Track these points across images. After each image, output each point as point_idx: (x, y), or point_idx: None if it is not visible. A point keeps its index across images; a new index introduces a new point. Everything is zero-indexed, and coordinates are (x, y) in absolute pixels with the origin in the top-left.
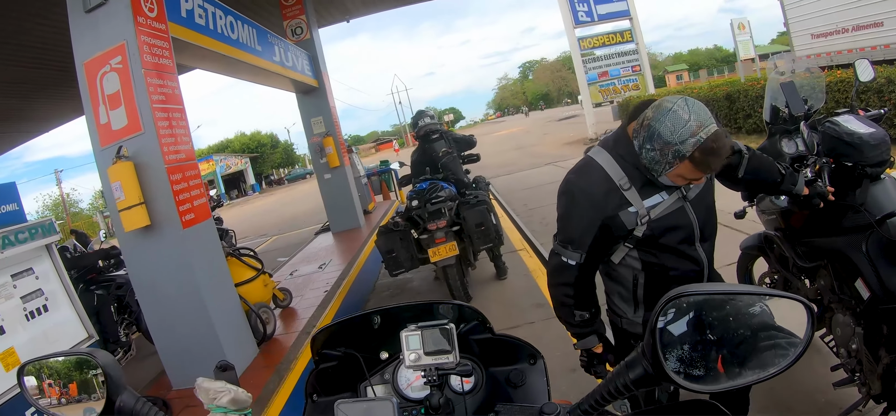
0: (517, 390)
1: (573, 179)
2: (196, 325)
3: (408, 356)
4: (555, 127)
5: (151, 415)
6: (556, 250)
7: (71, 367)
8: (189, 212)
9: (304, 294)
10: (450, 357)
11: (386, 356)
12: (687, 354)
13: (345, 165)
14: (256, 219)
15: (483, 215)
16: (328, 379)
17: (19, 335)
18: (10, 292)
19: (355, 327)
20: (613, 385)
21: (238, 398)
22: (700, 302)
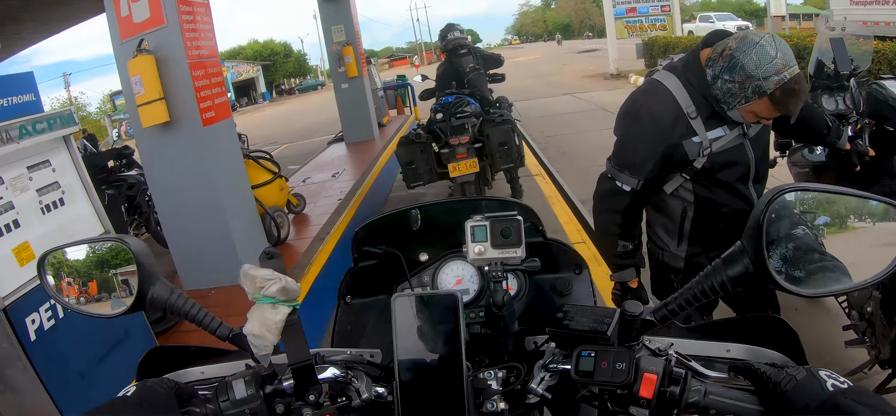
0: (563, 298)
1: (640, 100)
2: (211, 225)
3: (472, 249)
4: (574, 58)
5: (188, 307)
6: (609, 173)
7: (97, 256)
8: (210, 110)
9: (318, 201)
10: (517, 251)
11: (425, 258)
12: (791, 253)
13: (363, 76)
14: (267, 127)
15: (507, 134)
16: (360, 281)
17: (34, 229)
18: (25, 185)
19: (395, 226)
20: (708, 284)
21: (288, 287)
22: (809, 199)
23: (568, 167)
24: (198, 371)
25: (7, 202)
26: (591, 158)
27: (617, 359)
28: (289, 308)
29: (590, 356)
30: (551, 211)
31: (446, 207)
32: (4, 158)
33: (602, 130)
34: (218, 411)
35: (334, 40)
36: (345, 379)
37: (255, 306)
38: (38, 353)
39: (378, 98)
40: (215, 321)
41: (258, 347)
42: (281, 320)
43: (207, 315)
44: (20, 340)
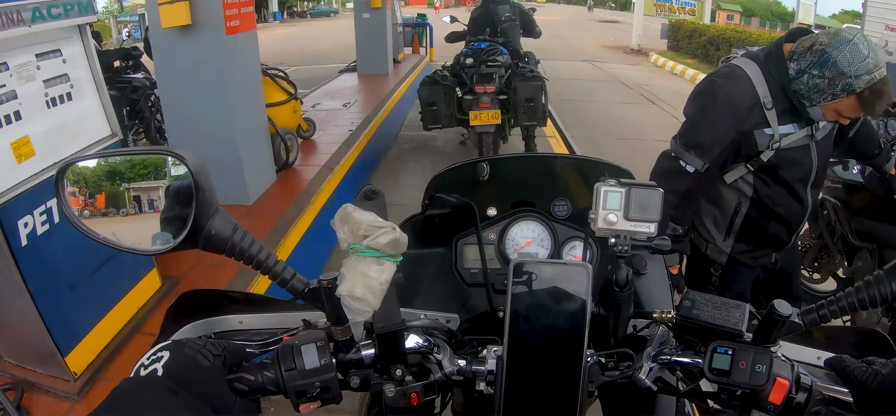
0: (638, 277)
1: (719, 82)
2: (220, 140)
3: (601, 216)
4: (595, 27)
5: (254, 249)
6: (673, 152)
7: (136, 170)
8: (235, 18)
9: (328, 129)
10: (652, 227)
11: (493, 213)
12: None
13: (386, 7)
14: (278, 47)
15: (536, 90)
16: (425, 229)
17: (37, 123)
18: (32, 73)
19: (465, 176)
20: (870, 293)
21: (400, 239)
22: None
23: (582, 135)
24: (235, 320)
25: (10, 91)
26: (606, 130)
27: (756, 360)
28: (394, 265)
29: (726, 353)
30: None
31: (518, 162)
32: (12, 42)
33: (618, 103)
34: (279, 381)
35: None
36: (426, 349)
37: (352, 259)
38: (28, 259)
39: (397, 33)
40: (287, 271)
41: (356, 311)
42: (386, 280)
43: (278, 263)
44: (10, 244)
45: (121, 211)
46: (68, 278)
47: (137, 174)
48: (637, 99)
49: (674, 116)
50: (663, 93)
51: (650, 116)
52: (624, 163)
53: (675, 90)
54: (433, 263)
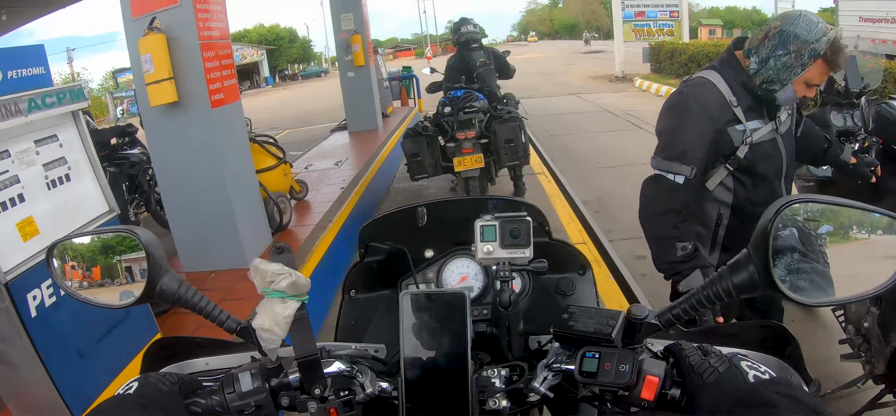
0: (566, 298)
1: (688, 91)
2: (214, 208)
3: (481, 248)
4: (581, 59)
5: (197, 300)
6: (658, 170)
7: (106, 246)
8: (219, 92)
9: (320, 189)
10: (526, 252)
11: (431, 255)
12: (796, 263)
13: (369, 65)
14: (270, 112)
15: (514, 131)
16: (367, 275)
17: (39, 204)
18: (32, 159)
19: (401, 222)
20: (713, 290)
21: (298, 282)
22: (816, 211)
23: (570, 167)
24: (202, 363)
25: (13, 176)
26: (594, 160)
27: (620, 361)
28: (298, 303)
29: (594, 357)
30: (553, 210)
31: (454, 205)
32: (12, 131)
33: (605, 132)
34: (224, 403)
35: (343, 28)
36: (350, 373)
37: (264, 300)
38: (38, 330)
39: (383, 88)
40: (223, 314)
41: (267, 340)
42: (290, 315)
43: (216, 308)
44: (21, 316)
45: (106, 280)
46: (77, 346)
47: (115, 249)
48: (623, 126)
49: None
50: (649, 116)
51: (637, 140)
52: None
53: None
54: (381, 304)
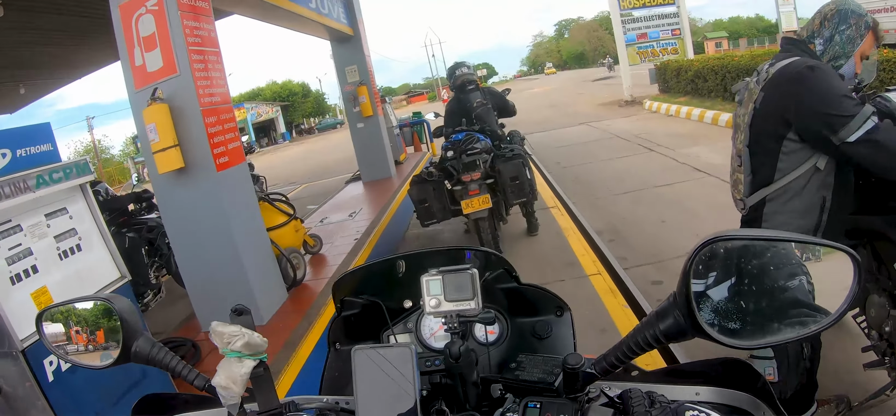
0: (543, 341)
1: (820, 64)
2: (227, 268)
3: (428, 302)
4: (589, 87)
5: (166, 359)
6: (863, 127)
7: (88, 313)
8: (223, 155)
9: (335, 242)
10: (472, 304)
11: (409, 305)
12: (723, 305)
13: (378, 114)
14: (287, 167)
15: (518, 168)
16: (352, 327)
17: (53, 274)
18: (43, 232)
19: (379, 274)
20: (642, 337)
21: (252, 342)
22: (739, 248)
23: (583, 197)
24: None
25: (26, 248)
26: (607, 187)
27: (560, 411)
28: (254, 362)
29: (536, 407)
30: (567, 244)
31: (430, 256)
32: (23, 207)
33: (618, 158)
34: None
35: (348, 81)
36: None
37: (223, 360)
38: (56, 393)
39: (394, 136)
40: (192, 372)
41: (225, 397)
42: (246, 373)
43: (185, 367)
44: (38, 381)
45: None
46: (94, 407)
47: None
48: (635, 150)
49: (673, 159)
50: (661, 137)
51: (650, 163)
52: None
53: (672, 132)
54: None
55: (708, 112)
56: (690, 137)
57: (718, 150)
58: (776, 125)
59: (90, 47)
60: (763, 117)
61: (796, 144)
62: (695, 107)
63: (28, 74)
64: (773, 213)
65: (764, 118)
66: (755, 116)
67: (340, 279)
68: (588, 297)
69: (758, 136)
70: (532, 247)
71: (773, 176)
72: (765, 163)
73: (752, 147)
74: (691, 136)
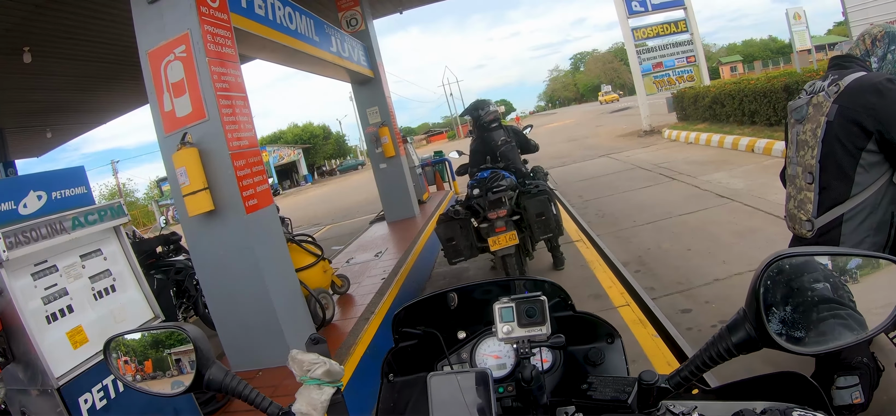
0: (596, 368)
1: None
2: (257, 308)
3: (501, 329)
4: (607, 119)
5: (241, 388)
6: None
7: (159, 340)
8: (252, 198)
9: (362, 281)
10: (543, 329)
11: (463, 336)
12: (789, 316)
13: (400, 155)
14: (310, 208)
15: (544, 204)
16: (404, 359)
17: (87, 314)
18: (79, 272)
19: (433, 307)
20: (715, 350)
21: (332, 370)
22: (801, 264)
23: (607, 230)
24: None
25: (61, 288)
26: (631, 218)
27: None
28: (333, 388)
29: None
30: (594, 276)
31: (482, 288)
32: (58, 248)
33: (640, 189)
34: None
35: (370, 122)
36: None
37: (302, 387)
38: None
39: (416, 176)
40: (266, 401)
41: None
42: (326, 400)
43: (259, 395)
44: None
45: (158, 372)
46: None
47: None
48: (657, 179)
49: (695, 187)
50: (681, 165)
51: (672, 192)
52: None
53: (692, 160)
54: (418, 385)
55: (727, 137)
56: (711, 163)
57: (740, 175)
58: (855, 137)
59: (116, 93)
60: (840, 128)
61: (875, 156)
62: (714, 133)
63: (55, 118)
64: (852, 231)
65: (841, 129)
66: (829, 128)
67: (400, 311)
68: (618, 328)
69: (831, 149)
70: (559, 281)
71: (847, 192)
72: (839, 178)
73: (824, 161)
74: (712, 162)
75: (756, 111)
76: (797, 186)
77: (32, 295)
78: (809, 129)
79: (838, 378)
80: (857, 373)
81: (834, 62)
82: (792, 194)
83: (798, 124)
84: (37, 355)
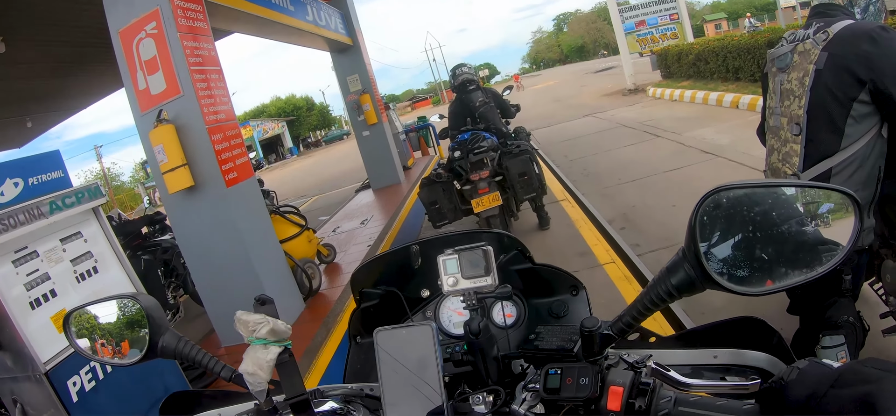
0: (560, 320)
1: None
2: (243, 282)
3: (445, 281)
4: (591, 79)
5: (193, 352)
6: None
7: (113, 312)
8: (232, 171)
9: (348, 250)
10: (488, 280)
11: (427, 294)
12: (731, 254)
13: (382, 121)
14: (296, 181)
15: (526, 164)
16: (371, 320)
17: (71, 297)
18: (59, 256)
19: (397, 264)
20: (655, 293)
21: (277, 328)
22: (742, 197)
23: (592, 188)
24: (215, 413)
25: (43, 274)
26: (615, 177)
27: (581, 374)
28: (280, 348)
29: (556, 373)
30: (579, 235)
31: (443, 241)
32: (38, 233)
33: (624, 147)
34: None
35: (351, 90)
36: (343, 412)
37: (249, 348)
38: (81, 413)
39: (400, 142)
40: (219, 364)
41: (253, 384)
42: (271, 360)
43: (212, 359)
44: (63, 402)
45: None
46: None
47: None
48: (642, 137)
49: (679, 144)
50: (666, 123)
51: (657, 149)
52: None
53: (677, 117)
54: None
55: (712, 94)
56: (696, 120)
57: (725, 131)
58: (846, 86)
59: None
60: (831, 77)
61: (866, 107)
62: (699, 90)
63: (34, 107)
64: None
65: (832, 77)
66: (818, 76)
67: (358, 271)
68: (604, 285)
69: (821, 98)
70: (545, 240)
71: (836, 145)
72: (828, 129)
73: (812, 111)
74: (697, 119)
75: (740, 67)
76: (781, 138)
77: (14, 282)
78: (796, 77)
79: (824, 338)
80: (842, 333)
81: (816, 10)
82: (776, 147)
83: (781, 73)
84: (23, 341)
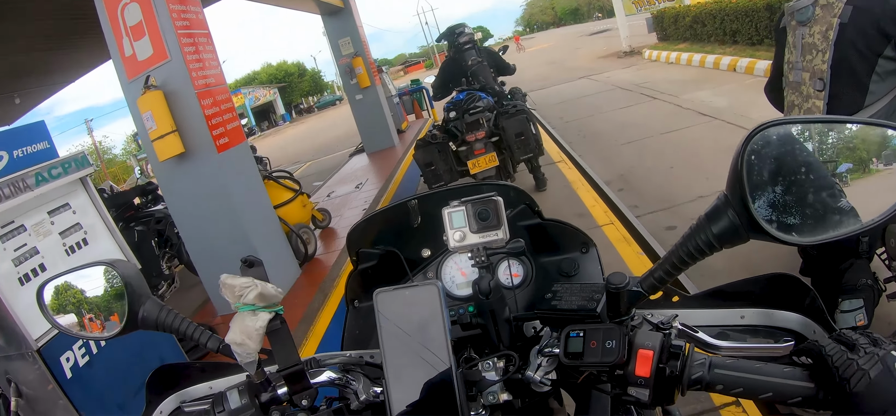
0: (570, 279)
1: None
2: (237, 249)
3: (452, 236)
4: (586, 41)
5: (176, 323)
6: None
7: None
8: (223, 136)
9: (343, 214)
10: (499, 234)
11: (428, 254)
12: (780, 198)
13: (375, 84)
14: (289, 147)
15: (522, 124)
16: (369, 283)
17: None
18: (47, 229)
19: (396, 221)
20: (693, 244)
21: (265, 292)
22: (795, 134)
23: (589, 150)
24: (206, 387)
25: (31, 248)
26: (613, 138)
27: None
28: (270, 314)
29: (579, 336)
30: (577, 196)
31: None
32: (25, 206)
33: (621, 109)
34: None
35: (343, 53)
36: (342, 382)
37: (236, 315)
38: (76, 390)
39: (394, 105)
40: (205, 334)
41: (241, 355)
42: (261, 327)
43: (197, 329)
44: (57, 379)
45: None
46: (115, 400)
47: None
48: (638, 99)
49: (677, 106)
50: (662, 85)
51: (653, 111)
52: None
53: (673, 79)
54: None
55: (709, 56)
56: (693, 82)
57: (723, 93)
58: (872, 41)
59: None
60: (855, 32)
61: (892, 63)
62: (695, 52)
63: (22, 82)
64: None
65: (856, 32)
66: (842, 31)
67: (354, 229)
68: (602, 246)
69: (845, 54)
70: (542, 202)
71: (861, 102)
72: (852, 85)
73: (836, 67)
74: (694, 81)
75: (738, 30)
76: (803, 93)
77: (2, 258)
78: (819, 31)
79: (843, 301)
80: (861, 296)
81: None
82: (796, 103)
83: (801, 27)
84: (13, 319)
